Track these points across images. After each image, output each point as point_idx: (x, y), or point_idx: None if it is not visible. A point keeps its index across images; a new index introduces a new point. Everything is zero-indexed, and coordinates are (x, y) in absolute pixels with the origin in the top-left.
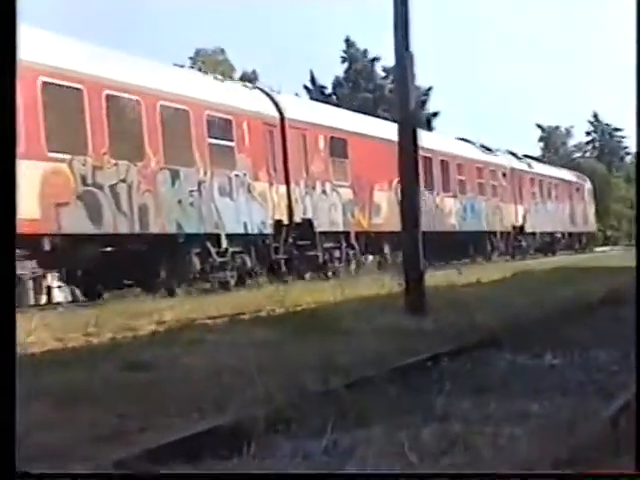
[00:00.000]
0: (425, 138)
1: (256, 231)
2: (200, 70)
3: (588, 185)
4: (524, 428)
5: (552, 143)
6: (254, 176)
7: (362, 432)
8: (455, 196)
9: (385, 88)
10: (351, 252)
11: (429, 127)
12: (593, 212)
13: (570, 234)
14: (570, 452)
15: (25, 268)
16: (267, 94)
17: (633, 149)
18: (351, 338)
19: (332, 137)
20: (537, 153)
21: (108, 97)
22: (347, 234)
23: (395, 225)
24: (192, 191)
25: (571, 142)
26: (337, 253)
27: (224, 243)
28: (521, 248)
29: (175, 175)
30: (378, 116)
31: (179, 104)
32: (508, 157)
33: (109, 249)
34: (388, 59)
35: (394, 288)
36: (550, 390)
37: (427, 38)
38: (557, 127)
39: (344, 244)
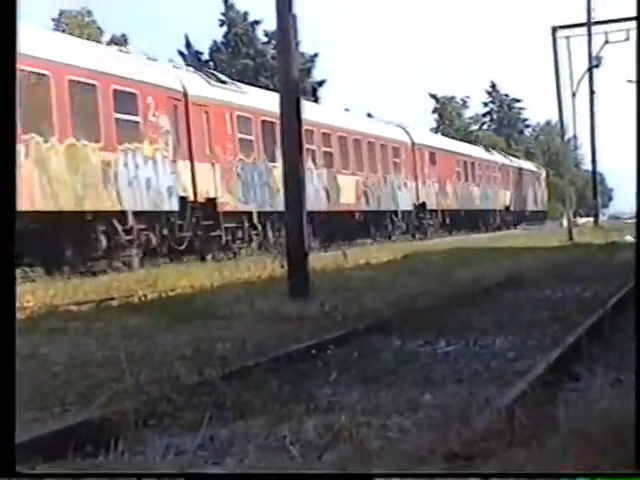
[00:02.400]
0: (470, 148)
1: (407, 209)
2: (63, 32)
3: (543, 174)
4: (414, 419)
5: (447, 114)
6: (406, 177)
7: (241, 426)
8: (478, 185)
9: (267, 54)
10: (438, 221)
11: (315, 96)
12: (546, 195)
13: (533, 212)
14: (463, 444)
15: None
16: (403, 128)
17: (533, 121)
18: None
19: (431, 152)
20: (431, 124)
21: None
22: (436, 211)
23: (455, 205)
24: (390, 186)
25: (467, 113)
26: (431, 221)
27: (399, 215)
28: (506, 221)
29: (385, 180)
30: (259, 84)
31: (387, 142)
32: (500, 155)
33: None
34: (270, 22)
35: (277, 270)
36: (443, 378)
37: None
38: (452, 97)
39: (435, 216)
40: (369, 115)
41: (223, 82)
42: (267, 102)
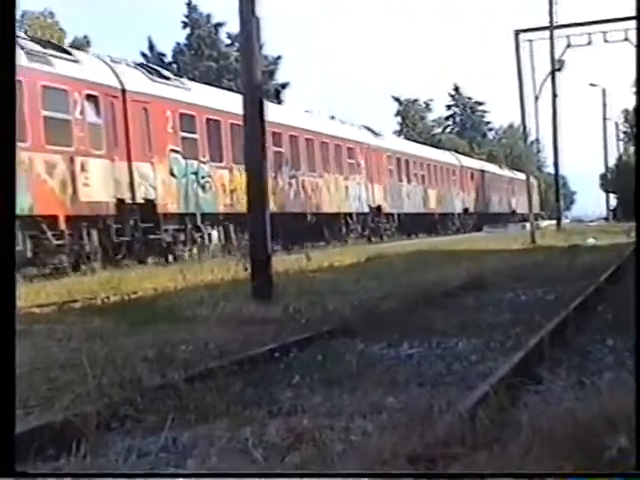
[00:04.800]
0: (492, 167)
1: (459, 212)
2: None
3: (535, 183)
4: (377, 422)
5: (410, 117)
6: (458, 189)
7: (203, 428)
8: (497, 194)
9: (230, 56)
10: (474, 221)
11: (278, 99)
12: (538, 200)
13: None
14: (425, 447)
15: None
16: (454, 155)
17: (496, 124)
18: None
19: (471, 172)
20: (394, 127)
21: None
22: (473, 213)
23: (484, 209)
24: (451, 196)
25: (430, 116)
26: (470, 221)
27: (455, 216)
28: (513, 221)
29: (449, 191)
30: (222, 86)
31: (449, 166)
32: (507, 171)
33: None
34: (233, 25)
35: (240, 273)
36: (406, 381)
37: (276, 1)
38: (415, 100)
39: (473, 217)
40: (332, 117)
41: (377, 134)
42: (399, 144)
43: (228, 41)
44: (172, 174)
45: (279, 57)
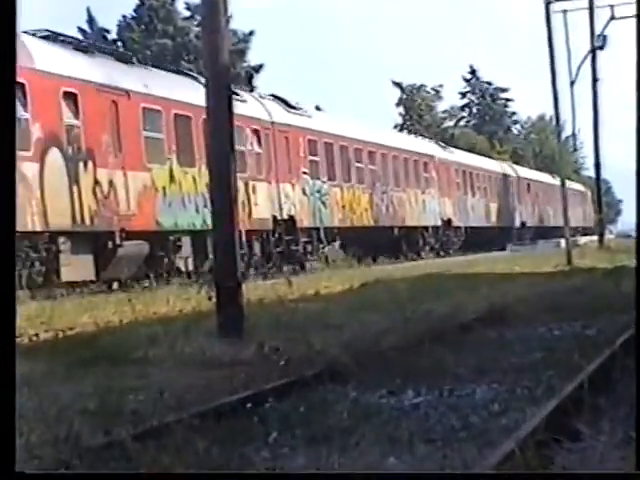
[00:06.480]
0: (546, 176)
1: (518, 226)
2: None
3: (589, 193)
4: None
5: (415, 107)
6: (516, 202)
7: None
8: (551, 206)
9: (190, 32)
10: (530, 234)
11: (250, 84)
12: (592, 212)
13: (584, 227)
14: None
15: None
16: (512, 166)
17: (522, 116)
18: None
19: (528, 182)
20: (394, 120)
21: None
22: (530, 227)
23: (539, 222)
24: (508, 209)
25: (441, 106)
26: (527, 234)
27: (513, 230)
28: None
29: (507, 205)
30: (180, 69)
31: (507, 177)
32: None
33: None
34: None
35: (203, 303)
36: (410, 438)
37: None
38: (421, 86)
39: (529, 230)
40: (317, 108)
41: (444, 147)
42: (464, 157)
43: (187, 13)
44: (304, 193)
45: (251, 33)
